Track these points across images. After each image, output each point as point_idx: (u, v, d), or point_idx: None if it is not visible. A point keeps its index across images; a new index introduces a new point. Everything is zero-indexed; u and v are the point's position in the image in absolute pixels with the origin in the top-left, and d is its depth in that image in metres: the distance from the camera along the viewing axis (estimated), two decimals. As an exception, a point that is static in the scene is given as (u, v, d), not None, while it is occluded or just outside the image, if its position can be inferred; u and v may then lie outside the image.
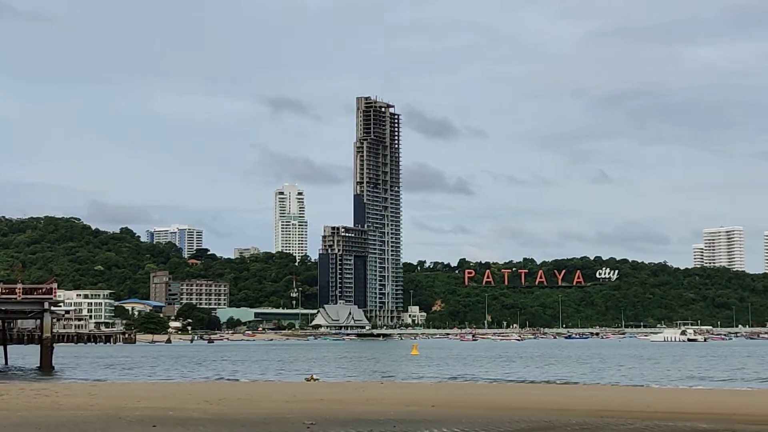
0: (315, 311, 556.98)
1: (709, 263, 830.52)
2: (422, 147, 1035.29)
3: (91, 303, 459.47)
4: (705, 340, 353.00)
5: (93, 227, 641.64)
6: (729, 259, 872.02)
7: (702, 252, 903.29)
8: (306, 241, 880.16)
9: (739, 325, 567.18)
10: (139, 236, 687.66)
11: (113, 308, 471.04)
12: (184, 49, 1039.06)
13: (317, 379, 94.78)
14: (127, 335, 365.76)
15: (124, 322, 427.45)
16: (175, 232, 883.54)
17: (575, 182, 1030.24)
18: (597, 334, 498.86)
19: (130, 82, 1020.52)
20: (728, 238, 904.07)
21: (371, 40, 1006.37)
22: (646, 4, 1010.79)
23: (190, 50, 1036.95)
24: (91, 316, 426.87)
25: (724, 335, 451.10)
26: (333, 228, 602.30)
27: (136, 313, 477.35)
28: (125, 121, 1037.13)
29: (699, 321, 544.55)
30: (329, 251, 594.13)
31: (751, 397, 65.08)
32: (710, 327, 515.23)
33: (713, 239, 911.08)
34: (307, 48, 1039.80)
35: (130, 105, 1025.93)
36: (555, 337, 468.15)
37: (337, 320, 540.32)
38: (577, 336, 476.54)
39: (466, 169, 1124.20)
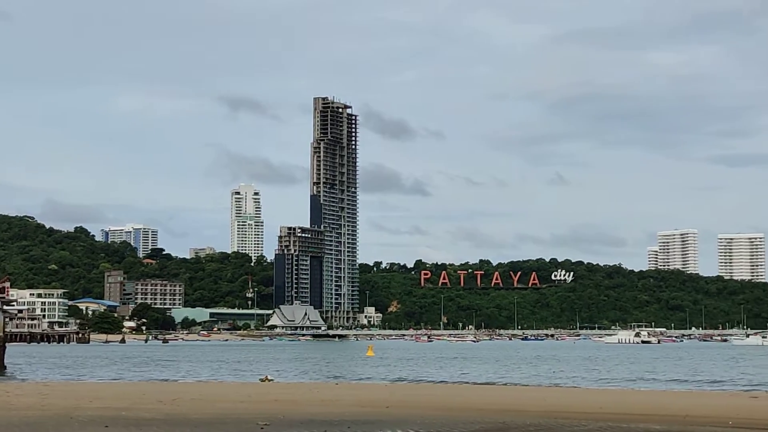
0: (271, 312, 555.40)
1: (664, 266, 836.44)
2: (379, 148, 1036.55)
3: (45, 302, 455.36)
4: (659, 342, 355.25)
5: (47, 226, 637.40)
6: (683, 261, 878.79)
7: (656, 255, 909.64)
8: (262, 241, 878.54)
9: (692, 328, 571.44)
10: (93, 235, 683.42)
11: (67, 308, 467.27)
12: (140, 49, 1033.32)
13: (272, 380, 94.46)
14: (80, 335, 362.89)
15: (77, 321, 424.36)
16: (130, 232, 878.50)
17: (532, 184, 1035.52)
18: (552, 335, 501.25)
19: (86, 81, 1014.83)
20: (682, 241, 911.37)
21: (330, 41, 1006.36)
22: (604, 7, 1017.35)
23: (147, 49, 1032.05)
24: (44, 316, 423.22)
25: (676, 338, 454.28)
26: (289, 228, 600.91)
27: (90, 312, 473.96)
28: (81, 121, 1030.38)
29: (653, 323, 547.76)
30: (285, 252, 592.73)
31: (704, 398, 65.52)
32: (664, 329, 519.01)
33: (668, 242, 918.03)
34: (265, 48, 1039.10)
35: (86, 104, 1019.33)
36: (510, 339, 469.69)
37: (293, 321, 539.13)
38: (533, 338, 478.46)
39: (423, 170, 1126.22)
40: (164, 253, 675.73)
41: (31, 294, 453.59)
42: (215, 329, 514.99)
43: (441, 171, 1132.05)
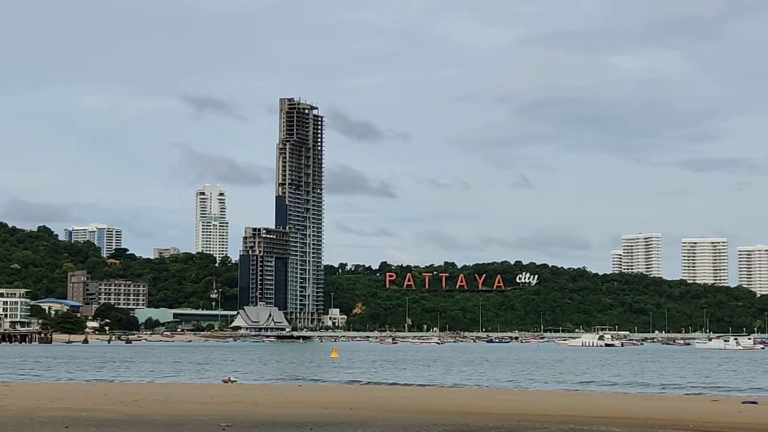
0: (235, 313, 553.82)
1: (627, 269, 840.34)
2: (346, 149, 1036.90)
3: (7, 302, 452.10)
4: (622, 345, 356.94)
5: (10, 225, 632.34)
6: (647, 265, 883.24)
7: (620, 258, 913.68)
8: (227, 242, 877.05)
9: (656, 331, 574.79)
10: (57, 235, 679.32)
11: (29, 307, 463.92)
12: (107, 48, 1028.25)
13: (235, 381, 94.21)
14: (43, 335, 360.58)
15: (40, 321, 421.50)
16: (93, 232, 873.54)
17: (497, 187, 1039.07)
18: (516, 338, 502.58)
19: (51, 80, 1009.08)
20: (646, 245, 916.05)
21: (297, 41, 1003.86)
22: (571, 11, 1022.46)
23: (114, 49, 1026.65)
24: (6, 315, 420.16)
25: (637, 341, 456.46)
26: (254, 229, 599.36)
27: (53, 312, 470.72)
28: (46, 119, 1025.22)
29: (616, 326, 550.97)
30: (250, 253, 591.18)
31: (665, 401, 65.86)
32: (627, 332, 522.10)
33: (631, 246, 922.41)
34: (232, 48, 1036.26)
35: (51, 103, 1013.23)
36: (475, 341, 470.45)
37: (257, 322, 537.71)
38: (498, 340, 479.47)
39: (390, 171, 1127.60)
40: (128, 253, 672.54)
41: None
42: (179, 330, 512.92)
43: (407, 173, 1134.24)
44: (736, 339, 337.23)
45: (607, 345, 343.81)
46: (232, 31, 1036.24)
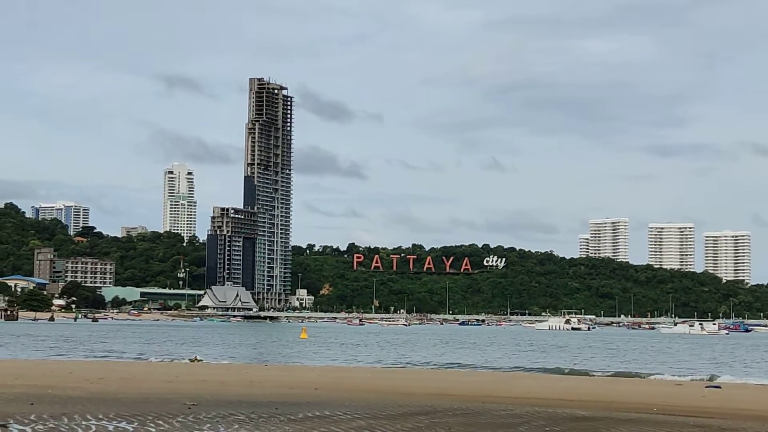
0: (202, 292, 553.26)
1: (594, 254, 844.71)
2: (316, 129, 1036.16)
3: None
4: (588, 329, 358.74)
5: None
6: (614, 249, 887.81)
7: (588, 242, 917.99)
8: (195, 221, 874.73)
9: (621, 315, 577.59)
10: (23, 212, 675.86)
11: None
12: (74, 23, 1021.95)
13: (201, 361, 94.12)
14: (9, 312, 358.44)
15: (6, 298, 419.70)
16: (61, 209, 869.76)
17: (467, 169, 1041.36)
18: (483, 321, 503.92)
19: (17, 56, 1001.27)
20: (613, 230, 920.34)
21: (269, 21, 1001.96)
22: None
23: (82, 24, 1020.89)
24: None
25: (598, 324, 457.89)
26: (222, 209, 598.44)
27: (19, 290, 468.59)
28: (12, 96, 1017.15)
29: (583, 310, 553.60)
30: (218, 232, 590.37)
31: (630, 385, 66.29)
32: (593, 316, 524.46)
33: (599, 230, 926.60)
34: (203, 26, 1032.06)
35: (17, 79, 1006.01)
36: (442, 323, 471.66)
37: (225, 302, 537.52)
38: (469, 323, 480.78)
39: (360, 153, 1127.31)
40: (95, 231, 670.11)
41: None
42: (146, 309, 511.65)
43: (378, 154, 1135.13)
44: (701, 324, 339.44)
45: (573, 329, 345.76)
46: (205, 9, 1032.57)
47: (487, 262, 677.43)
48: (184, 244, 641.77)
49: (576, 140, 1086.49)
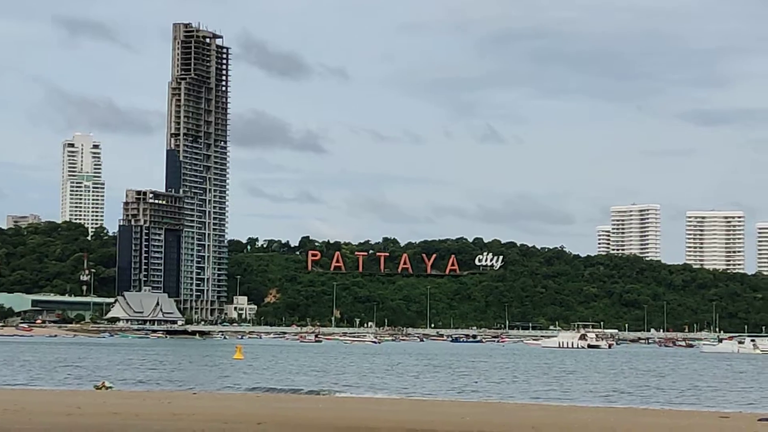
0: (112, 300, 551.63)
1: (618, 250, 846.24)
2: (261, 89, 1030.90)
3: None
4: (609, 347, 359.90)
5: None
6: (641, 245, 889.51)
7: (609, 236, 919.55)
8: (102, 209, 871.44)
9: (652, 329, 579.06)
10: None
11: None
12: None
13: (111, 387, 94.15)
14: None
15: None
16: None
17: (457, 142, 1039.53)
18: (475, 336, 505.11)
19: None
20: (641, 220, 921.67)
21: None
22: None
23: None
24: None
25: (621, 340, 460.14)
26: (138, 193, 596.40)
27: None
28: None
29: (602, 322, 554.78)
30: (133, 223, 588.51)
31: (662, 417, 66.89)
32: (616, 330, 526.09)
33: (623, 220, 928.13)
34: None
35: None
36: (422, 340, 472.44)
37: (141, 312, 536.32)
38: (464, 339, 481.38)
39: (318, 119, 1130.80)
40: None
41: None
42: (39, 321, 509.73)
43: (341, 121, 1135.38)
44: (753, 341, 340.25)
45: (590, 346, 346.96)
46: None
47: (480, 260, 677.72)
48: (89, 238, 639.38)
49: (596, 105, 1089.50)
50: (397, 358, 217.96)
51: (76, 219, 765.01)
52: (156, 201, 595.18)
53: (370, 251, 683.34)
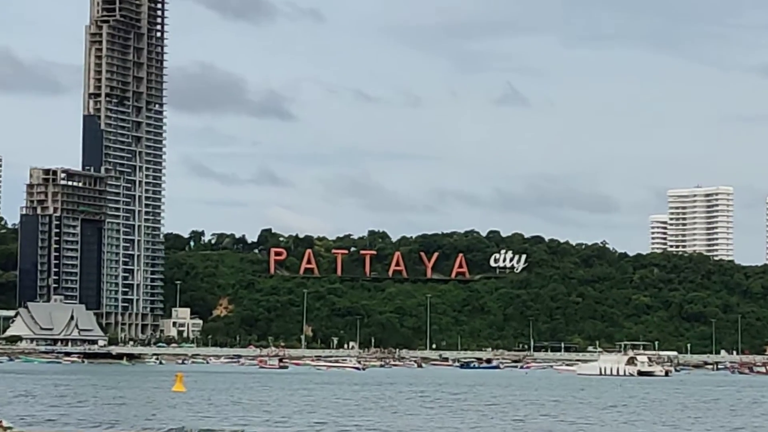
0: (12, 314, 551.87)
1: (677, 248, 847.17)
2: (210, 35, 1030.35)
3: None
4: (666, 375, 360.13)
5: None
6: (709, 241, 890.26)
7: (665, 229, 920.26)
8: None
9: (722, 351, 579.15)
10: None
11: None
12: None
13: (9, 429, 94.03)
14: None
15: None
16: None
17: (466, 105, 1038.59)
18: (489, 360, 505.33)
19: None
20: (708, 207, 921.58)
21: None
22: None
23: None
24: None
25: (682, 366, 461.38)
26: (46, 172, 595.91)
27: None
28: None
29: (657, 342, 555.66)
30: (39, 212, 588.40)
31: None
32: (675, 353, 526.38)
33: (684, 207, 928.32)
34: None
35: None
36: (420, 365, 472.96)
37: (50, 329, 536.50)
38: (476, 364, 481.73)
39: (284, 76, 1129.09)
40: None
41: None
42: None
43: (314, 78, 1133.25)
44: None
45: (641, 373, 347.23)
46: None
47: (497, 261, 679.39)
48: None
49: (645, 55, 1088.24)
50: (388, 389, 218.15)
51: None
52: (69, 183, 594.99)
53: (352, 249, 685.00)
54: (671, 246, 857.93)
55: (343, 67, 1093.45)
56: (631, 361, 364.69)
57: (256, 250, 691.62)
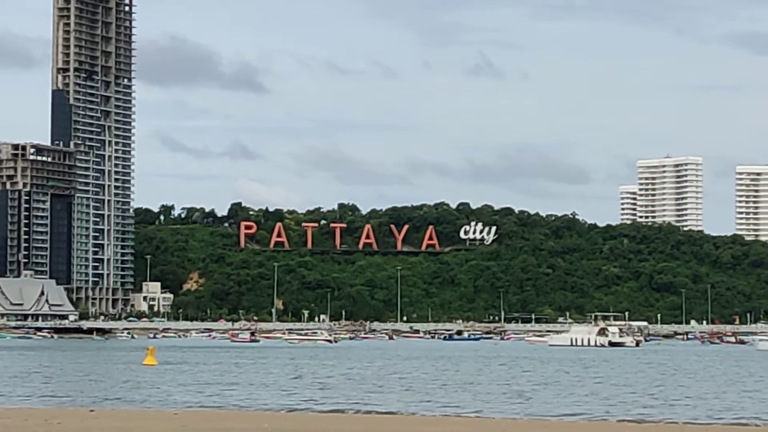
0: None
1: (647, 218, 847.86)
2: (180, 7, 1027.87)
3: None
4: (637, 345, 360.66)
5: None
6: (678, 211, 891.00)
7: (635, 199, 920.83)
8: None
9: (692, 321, 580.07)
10: None
11: None
12: None
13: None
14: None
15: None
16: None
17: (438, 76, 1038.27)
18: (459, 332, 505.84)
19: None
20: (678, 177, 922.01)
21: None
22: None
23: None
24: None
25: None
26: (15, 147, 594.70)
27: None
28: None
29: (627, 312, 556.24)
30: (8, 187, 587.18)
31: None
32: (646, 323, 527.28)
33: (654, 177, 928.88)
34: None
35: None
36: (391, 337, 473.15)
37: (21, 305, 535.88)
38: (458, 336, 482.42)
39: (256, 47, 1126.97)
40: None
41: None
42: None
43: (286, 50, 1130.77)
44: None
45: (612, 344, 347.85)
46: None
47: (467, 233, 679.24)
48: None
49: (616, 26, 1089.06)
50: (359, 362, 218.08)
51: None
52: (38, 158, 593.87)
53: (322, 222, 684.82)
54: (641, 217, 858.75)
55: (315, 39, 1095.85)
56: (603, 332, 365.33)
57: (227, 224, 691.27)
